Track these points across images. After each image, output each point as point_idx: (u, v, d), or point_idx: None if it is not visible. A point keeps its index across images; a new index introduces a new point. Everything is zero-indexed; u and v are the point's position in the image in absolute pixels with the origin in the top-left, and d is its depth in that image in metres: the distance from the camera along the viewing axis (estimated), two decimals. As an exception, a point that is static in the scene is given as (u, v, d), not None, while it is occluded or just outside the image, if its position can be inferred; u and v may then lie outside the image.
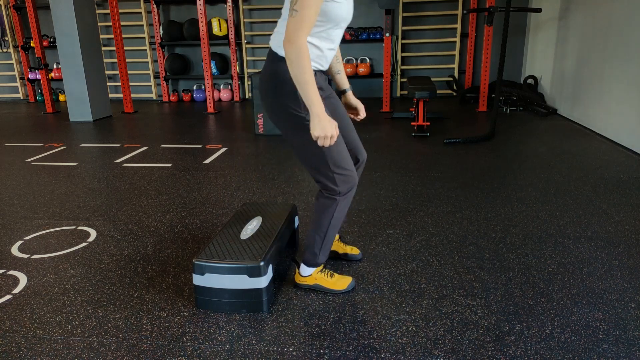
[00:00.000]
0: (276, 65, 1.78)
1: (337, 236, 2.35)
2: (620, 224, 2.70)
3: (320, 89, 1.84)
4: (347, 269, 2.26)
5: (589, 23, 5.29)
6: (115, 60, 8.20)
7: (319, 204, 1.95)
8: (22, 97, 9.24)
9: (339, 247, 2.35)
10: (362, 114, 2.14)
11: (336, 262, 2.32)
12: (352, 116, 2.16)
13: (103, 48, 8.37)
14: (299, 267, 2.09)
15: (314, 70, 1.81)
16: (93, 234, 2.76)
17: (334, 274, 2.10)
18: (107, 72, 8.53)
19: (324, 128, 1.67)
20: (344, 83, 2.13)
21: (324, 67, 1.87)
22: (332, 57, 1.88)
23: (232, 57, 8.20)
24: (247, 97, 8.65)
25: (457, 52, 7.78)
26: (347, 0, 1.73)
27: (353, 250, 2.36)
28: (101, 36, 8.19)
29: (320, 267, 2.07)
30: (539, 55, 7.04)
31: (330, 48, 1.82)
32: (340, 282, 2.07)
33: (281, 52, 1.75)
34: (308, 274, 2.06)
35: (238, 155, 4.50)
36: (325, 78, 1.96)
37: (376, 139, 5.04)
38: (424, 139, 4.94)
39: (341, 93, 2.16)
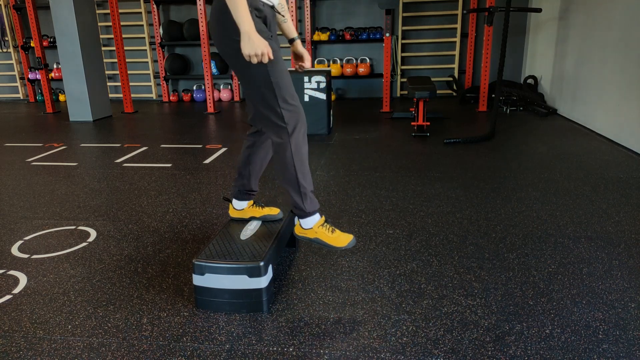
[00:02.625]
0: (221, 1, 1.83)
1: (250, 202, 2.31)
2: (620, 224, 2.70)
3: (265, 23, 1.89)
4: (346, 269, 2.26)
5: (589, 23, 5.29)
6: (115, 60, 8.19)
7: (275, 151, 1.97)
8: (22, 97, 9.24)
9: (256, 211, 2.30)
10: (307, 64, 2.16)
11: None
12: (299, 65, 2.19)
13: (103, 48, 8.37)
14: (298, 220, 2.07)
15: (262, 1, 1.87)
16: (93, 234, 2.76)
17: (336, 229, 2.07)
18: (107, 72, 8.52)
19: (254, 45, 1.71)
20: (291, 32, 2.15)
21: (272, 2, 1.93)
22: None
23: (232, 57, 8.19)
24: (247, 97, 8.64)
25: (457, 52, 7.78)
26: None
27: (272, 211, 2.31)
28: (101, 36, 8.19)
29: (322, 221, 2.05)
30: (539, 55, 7.04)
31: None
32: (340, 239, 2.03)
33: None
34: (309, 226, 2.04)
35: (238, 155, 4.50)
36: (274, 15, 1.99)
37: (376, 139, 5.04)
38: (424, 139, 4.94)
39: (289, 42, 2.17)
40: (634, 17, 4.24)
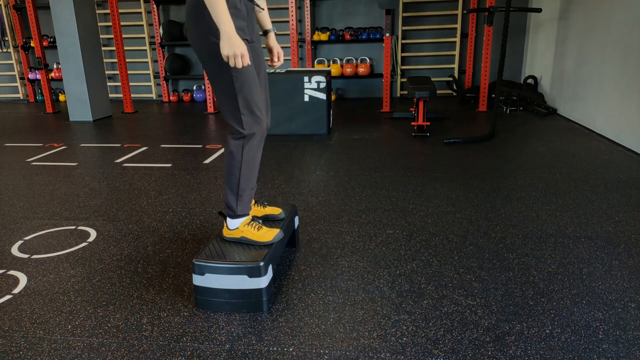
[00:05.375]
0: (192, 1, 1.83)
1: (252, 201, 2.29)
2: (620, 224, 2.70)
3: (243, 19, 1.88)
4: (346, 269, 2.26)
5: (588, 23, 5.29)
6: (115, 60, 8.19)
7: (227, 153, 1.98)
8: (22, 97, 9.24)
9: (257, 211, 2.30)
10: (278, 61, 2.15)
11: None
12: (270, 60, 2.17)
13: (103, 48, 8.37)
14: (225, 221, 2.08)
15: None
16: (93, 234, 2.76)
17: (262, 226, 2.08)
18: (107, 72, 8.53)
19: (233, 46, 1.71)
20: (266, 23, 2.14)
21: None
22: None
23: (232, 57, 8.19)
24: (247, 97, 8.64)
25: (457, 52, 7.78)
26: None
27: (274, 210, 2.32)
28: (101, 36, 8.19)
29: (248, 220, 2.06)
30: (539, 55, 7.04)
31: None
32: (267, 234, 2.04)
33: None
34: (235, 227, 2.05)
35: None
36: (252, 10, 1.97)
37: (376, 139, 5.04)
38: (424, 139, 4.94)
39: (264, 34, 2.16)
40: (633, 17, 4.24)
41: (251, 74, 1.90)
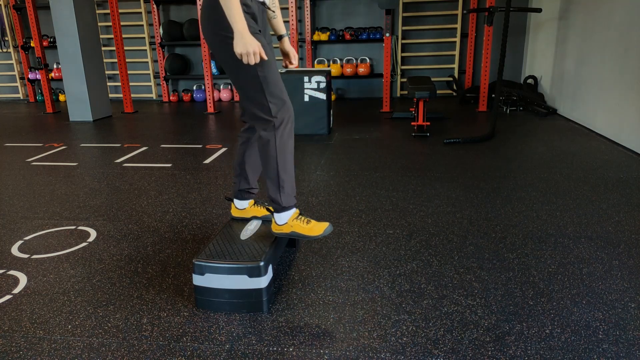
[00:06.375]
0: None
1: (252, 201, 2.31)
2: (620, 224, 2.70)
3: (254, 18, 1.90)
4: (346, 269, 2.26)
5: (589, 23, 5.29)
6: (115, 60, 8.19)
7: (260, 144, 1.97)
8: (22, 97, 9.24)
9: (257, 211, 2.30)
10: (294, 63, 2.18)
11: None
12: (285, 63, 2.19)
13: (103, 48, 8.37)
14: (273, 217, 2.07)
15: None
16: (93, 234, 2.76)
17: (311, 220, 2.07)
18: (107, 72, 8.52)
19: (246, 44, 1.73)
20: (280, 28, 2.16)
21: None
22: None
23: (232, 57, 8.19)
24: (247, 97, 8.64)
25: (457, 52, 7.78)
26: None
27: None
28: (101, 36, 8.19)
29: (296, 214, 2.05)
30: (539, 55, 7.04)
31: None
32: (316, 228, 2.03)
33: None
34: (284, 222, 2.04)
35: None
36: (264, 10, 1.99)
37: (376, 139, 5.04)
38: (424, 139, 4.94)
39: (278, 39, 2.18)
40: (633, 17, 4.24)
41: (271, 61, 1.92)
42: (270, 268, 1.94)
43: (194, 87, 8.64)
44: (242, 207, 2.31)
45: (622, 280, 2.10)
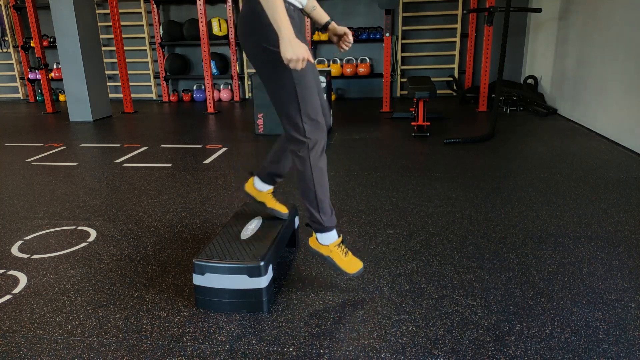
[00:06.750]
0: (252, 3, 1.80)
1: (271, 189, 2.30)
2: (620, 224, 2.70)
3: (296, 27, 1.86)
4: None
5: (589, 23, 5.29)
6: (115, 60, 8.20)
7: (295, 164, 1.96)
8: (22, 97, 9.24)
9: (269, 200, 2.28)
10: (350, 38, 2.12)
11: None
12: (343, 43, 2.13)
13: (103, 48, 8.37)
14: (315, 233, 2.06)
15: (292, 5, 1.85)
16: (93, 234, 2.76)
17: (349, 253, 2.07)
18: (107, 72, 8.53)
19: (295, 50, 1.69)
20: (323, 17, 2.12)
21: (302, 4, 1.91)
22: None
23: (232, 57, 8.21)
24: (247, 97, 8.66)
25: (457, 52, 7.78)
26: None
27: (282, 208, 2.30)
28: (101, 36, 8.19)
29: (338, 241, 2.05)
30: (539, 55, 7.04)
31: None
32: (352, 264, 2.04)
33: None
34: (327, 243, 2.04)
35: (238, 155, 4.50)
36: (303, 18, 1.96)
37: (376, 139, 5.04)
38: (424, 139, 4.94)
39: (325, 27, 2.13)
40: (634, 17, 4.24)
41: (310, 79, 1.88)
42: (270, 268, 1.94)
43: (194, 87, 8.65)
44: (261, 188, 2.29)
45: (622, 280, 2.10)
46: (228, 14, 7.95)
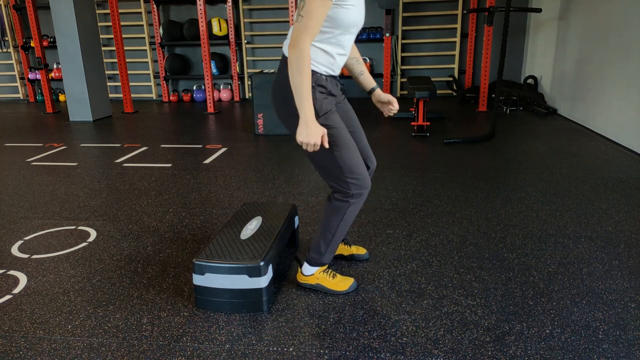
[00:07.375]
0: (286, 70, 1.75)
1: (346, 246, 2.35)
2: (620, 224, 2.70)
3: (330, 94, 1.85)
4: (346, 269, 2.26)
5: (589, 23, 5.29)
6: (115, 60, 8.20)
7: (331, 205, 1.94)
8: (22, 97, 9.24)
9: (343, 249, 2.34)
10: (396, 105, 2.13)
11: (336, 261, 2.32)
12: (387, 110, 2.15)
13: (103, 48, 8.37)
14: (301, 266, 2.09)
15: (325, 76, 1.82)
16: (93, 234, 2.76)
17: (337, 274, 2.10)
18: (107, 72, 8.53)
19: (309, 134, 1.67)
20: (370, 82, 2.14)
21: (335, 72, 1.88)
22: (343, 62, 1.88)
23: (232, 57, 8.21)
24: (247, 97, 8.65)
25: (457, 52, 7.78)
26: (357, 6, 1.72)
27: (359, 250, 2.35)
28: (101, 36, 8.19)
29: (324, 267, 2.07)
30: (539, 55, 7.04)
31: (340, 53, 1.82)
32: (342, 283, 2.07)
33: None
34: (310, 273, 2.06)
35: (238, 155, 4.50)
36: (337, 83, 1.94)
37: (376, 139, 5.04)
38: (424, 139, 4.94)
39: (370, 92, 2.16)
40: (634, 17, 4.24)
41: (345, 136, 1.85)
42: (270, 268, 1.94)
43: (194, 87, 8.64)
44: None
45: (622, 280, 2.10)
46: (228, 14, 7.95)
